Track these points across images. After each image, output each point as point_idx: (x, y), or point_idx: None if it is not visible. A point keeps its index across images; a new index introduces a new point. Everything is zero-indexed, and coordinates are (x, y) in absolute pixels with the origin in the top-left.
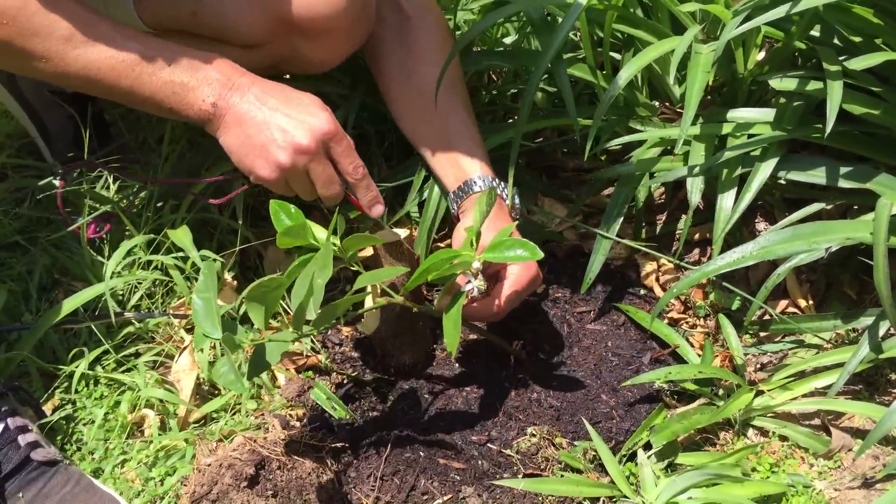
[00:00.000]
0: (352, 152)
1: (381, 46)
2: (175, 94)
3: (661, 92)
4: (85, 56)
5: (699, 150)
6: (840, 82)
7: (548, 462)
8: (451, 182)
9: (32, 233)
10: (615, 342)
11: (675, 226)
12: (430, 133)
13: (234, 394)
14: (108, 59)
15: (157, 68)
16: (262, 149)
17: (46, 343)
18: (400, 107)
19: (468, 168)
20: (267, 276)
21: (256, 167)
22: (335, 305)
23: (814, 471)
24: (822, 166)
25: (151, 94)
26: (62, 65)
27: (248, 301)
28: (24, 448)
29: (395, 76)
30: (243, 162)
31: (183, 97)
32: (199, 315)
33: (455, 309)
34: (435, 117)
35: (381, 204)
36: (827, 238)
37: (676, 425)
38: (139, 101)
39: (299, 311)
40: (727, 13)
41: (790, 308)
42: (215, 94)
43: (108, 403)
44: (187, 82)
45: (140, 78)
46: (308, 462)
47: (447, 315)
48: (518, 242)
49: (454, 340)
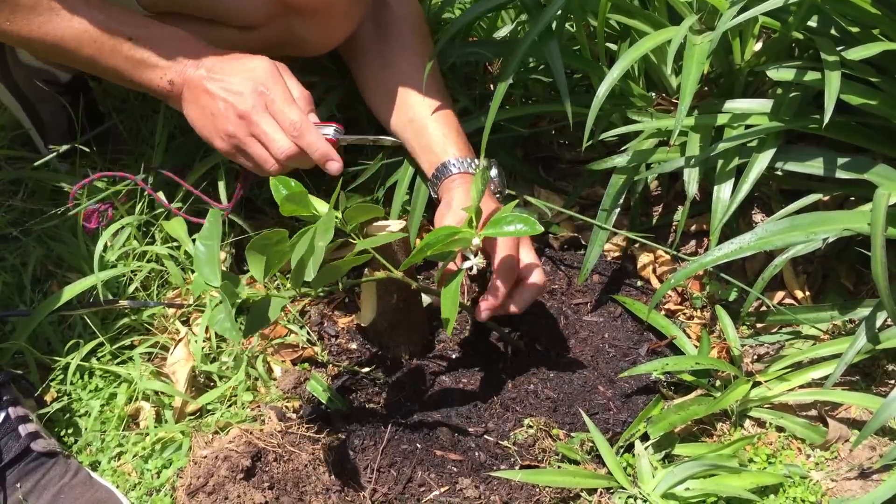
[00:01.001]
0: (287, 104)
1: (358, 33)
2: (135, 69)
3: (658, 82)
4: (49, 24)
5: (696, 140)
6: (838, 73)
7: (545, 453)
8: (428, 167)
9: (26, 224)
10: (612, 333)
11: (671, 217)
12: (404, 120)
13: (230, 385)
14: (72, 28)
15: (118, 42)
16: (213, 119)
17: (42, 334)
18: (376, 94)
19: (442, 152)
20: (271, 229)
21: (213, 140)
22: (335, 265)
23: (811, 461)
24: (820, 157)
25: (113, 66)
26: (25, 30)
27: (249, 251)
28: (24, 438)
29: (372, 64)
30: (202, 135)
31: (142, 72)
32: (201, 261)
33: (454, 285)
34: (408, 105)
35: (335, 161)
36: (824, 229)
37: (673, 416)
38: (101, 71)
39: (299, 267)
40: (724, 3)
41: (787, 299)
42: (172, 71)
43: (103, 395)
44: (146, 59)
45: (102, 50)
46: (304, 454)
47: (445, 291)
48: (517, 217)
49: (451, 317)
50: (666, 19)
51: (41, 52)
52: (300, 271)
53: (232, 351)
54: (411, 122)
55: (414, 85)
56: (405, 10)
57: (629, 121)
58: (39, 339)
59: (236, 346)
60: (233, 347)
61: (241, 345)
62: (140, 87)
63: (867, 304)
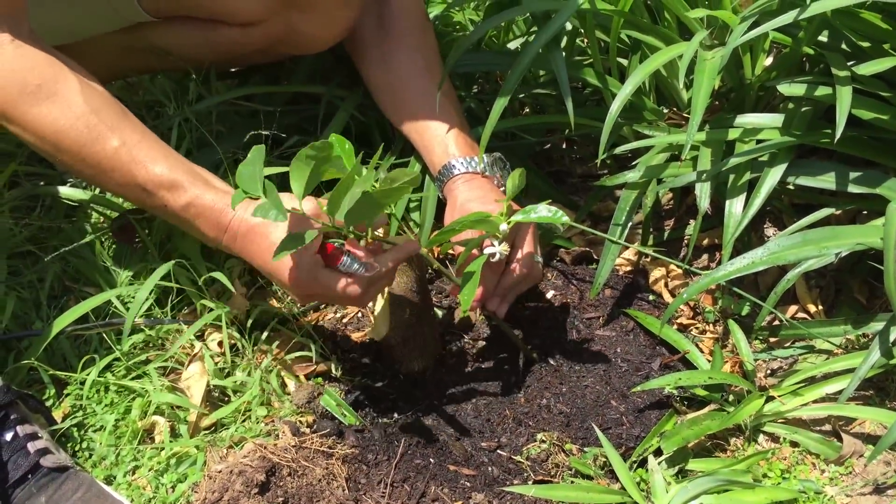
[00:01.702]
0: (336, 295)
1: (361, 31)
2: (185, 229)
3: (669, 97)
4: (100, 174)
5: (707, 155)
6: (849, 88)
7: (558, 468)
8: (432, 167)
9: (43, 241)
10: (624, 348)
11: (683, 231)
12: (409, 119)
13: (245, 400)
14: (119, 187)
15: (158, 209)
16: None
17: (58, 350)
18: (380, 93)
19: (445, 153)
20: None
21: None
22: (370, 196)
23: (825, 477)
24: (832, 171)
25: (160, 217)
26: (74, 171)
27: (295, 163)
28: (33, 455)
29: (375, 61)
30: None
31: (191, 233)
32: (243, 178)
33: (476, 268)
34: (413, 104)
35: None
36: (837, 243)
37: (687, 431)
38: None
39: (335, 197)
40: (735, 19)
41: (800, 313)
42: (214, 243)
43: (118, 410)
44: (188, 229)
45: (145, 209)
46: (318, 469)
47: (467, 272)
48: (543, 206)
49: (469, 298)
50: (677, 35)
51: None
52: (336, 202)
53: (246, 366)
54: (414, 120)
55: (415, 82)
56: (406, 5)
57: (640, 135)
58: (55, 354)
59: (251, 361)
60: (247, 362)
61: (255, 359)
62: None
63: (881, 319)
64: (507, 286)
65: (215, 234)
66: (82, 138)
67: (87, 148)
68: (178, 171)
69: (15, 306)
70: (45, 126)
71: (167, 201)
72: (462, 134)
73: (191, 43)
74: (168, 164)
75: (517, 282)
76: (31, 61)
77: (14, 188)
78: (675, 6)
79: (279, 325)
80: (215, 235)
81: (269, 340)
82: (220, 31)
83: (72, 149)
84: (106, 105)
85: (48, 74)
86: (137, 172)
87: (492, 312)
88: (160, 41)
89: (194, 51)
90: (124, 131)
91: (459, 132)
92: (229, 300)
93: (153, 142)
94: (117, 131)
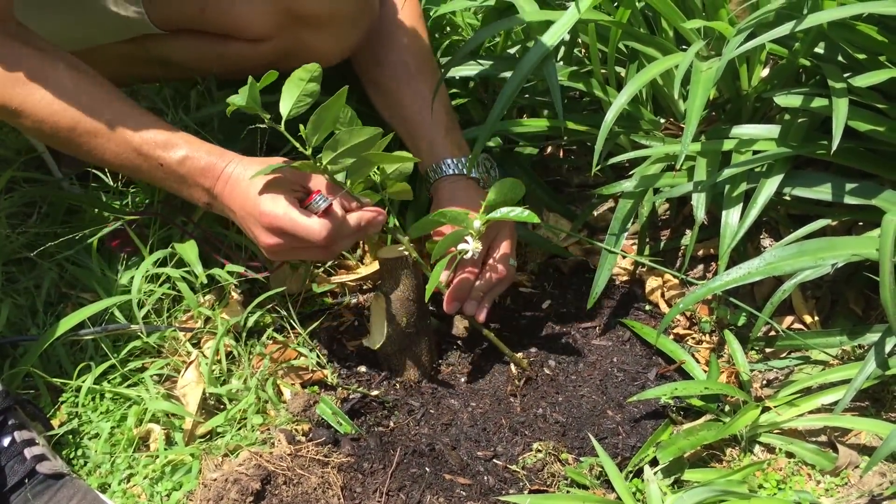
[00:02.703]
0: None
1: None
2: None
3: (666, 107)
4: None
5: (703, 166)
6: (845, 99)
7: (554, 478)
8: (421, 166)
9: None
10: (621, 358)
11: (679, 241)
12: (401, 119)
13: (241, 408)
14: (116, 156)
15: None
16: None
17: (53, 357)
18: (375, 93)
19: (432, 154)
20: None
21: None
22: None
23: (820, 487)
24: (828, 182)
25: (153, 182)
26: (73, 147)
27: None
28: (29, 461)
29: (370, 62)
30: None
31: (181, 193)
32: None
33: (445, 261)
34: (404, 105)
35: (377, 218)
36: (833, 254)
37: (683, 441)
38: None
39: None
40: (731, 30)
41: (796, 324)
42: (205, 196)
43: (114, 417)
44: (179, 187)
45: (140, 175)
46: (314, 477)
47: (438, 265)
48: (518, 207)
49: (432, 285)
50: (674, 45)
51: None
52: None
53: (242, 374)
54: (404, 120)
55: (407, 84)
56: (398, 5)
57: (637, 145)
58: (51, 361)
59: (247, 369)
60: (243, 370)
61: (251, 367)
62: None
63: (876, 330)
64: (482, 289)
65: (210, 184)
66: (76, 116)
67: (82, 125)
68: (170, 132)
69: (10, 313)
70: (41, 110)
71: (163, 160)
72: (451, 135)
73: (198, 55)
74: (159, 126)
75: (492, 284)
76: (19, 53)
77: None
78: (672, 17)
79: (275, 332)
80: (210, 185)
81: (266, 348)
82: (229, 45)
83: (68, 126)
84: (95, 84)
85: (36, 63)
86: (132, 139)
87: (470, 316)
88: (167, 52)
89: (201, 63)
90: (113, 104)
91: (447, 133)
92: (226, 308)
93: (142, 111)
94: (108, 105)
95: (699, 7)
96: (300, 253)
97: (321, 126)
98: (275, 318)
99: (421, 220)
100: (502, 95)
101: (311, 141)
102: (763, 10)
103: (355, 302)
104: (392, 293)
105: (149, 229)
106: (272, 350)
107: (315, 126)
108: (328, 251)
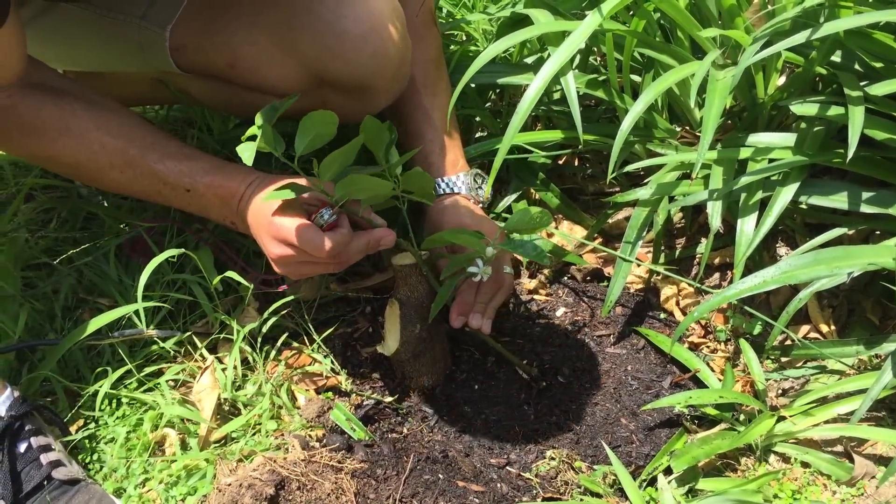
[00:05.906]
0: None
1: None
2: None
3: (682, 115)
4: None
5: (719, 174)
6: (862, 108)
7: (567, 486)
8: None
9: (58, 253)
10: (635, 366)
11: (694, 249)
12: (401, 133)
13: (255, 413)
14: (142, 189)
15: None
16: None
17: (71, 362)
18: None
19: (430, 172)
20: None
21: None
22: (341, 152)
23: (836, 498)
24: (844, 191)
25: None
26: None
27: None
28: (45, 467)
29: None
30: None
31: (208, 216)
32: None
33: (454, 280)
34: (403, 119)
35: (386, 238)
36: (849, 263)
37: (697, 450)
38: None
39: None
40: (747, 38)
41: (812, 333)
42: (231, 216)
43: (130, 422)
44: (207, 213)
45: (167, 202)
46: (327, 483)
47: (446, 283)
48: (531, 243)
49: (438, 306)
50: (690, 54)
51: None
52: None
53: (257, 379)
54: (405, 135)
55: (408, 97)
56: (412, 16)
57: (653, 153)
58: (69, 366)
59: (262, 375)
60: (258, 376)
61: (266, 373)
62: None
63: (893, 339)
64: (483, 301)
65: (234, 207)
66: (101, 161)
67: (107, 166)
68: (192, 160)
69: (29, 318)
70: (66, 158)
71: (190, 186)
72: (446, 152)
73: (222, 98)
74: (183, 153)
75: (491, 295)
76: (39, 104)
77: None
78: (688, 26)
79: (290, 339)
80: (234, 208)
81: (280, 354)
82: (255, 94)
83: (96, 167)
84: (114, 119)
85: (56, 112)
86: (158, 171)
87: (476, 329)
88: (191, 90)
89: (225, 106)
90: (135, 141)
91: (444, 150)
92: (242, 314)
93: (165, 138)
94: (131, 142)
95: (715, 16)
96: (307, 267)
97: (333, 167)
98: (290, 325)
99: (434, 236)
100: (519, 110)
101: (324, 177)
102: (779, 18)
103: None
104: (406, 299)
105: (165, 237)
106: (287, 356)
107: (327, 168)
108: (334, 266)
